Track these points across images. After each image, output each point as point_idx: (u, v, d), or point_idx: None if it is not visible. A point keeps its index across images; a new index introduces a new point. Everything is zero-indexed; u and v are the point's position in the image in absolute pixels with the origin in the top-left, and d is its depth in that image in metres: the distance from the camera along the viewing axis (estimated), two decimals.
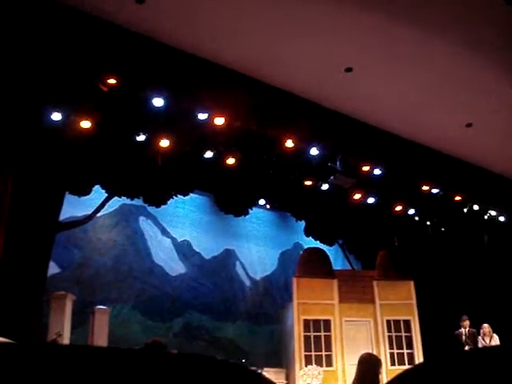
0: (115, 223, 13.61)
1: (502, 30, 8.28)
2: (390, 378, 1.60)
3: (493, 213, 14.09)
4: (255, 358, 14.46)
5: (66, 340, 10.31)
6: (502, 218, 14.17)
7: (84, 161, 10.27)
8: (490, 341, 11.95)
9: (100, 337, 11.09)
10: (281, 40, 8.47)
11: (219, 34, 8.32)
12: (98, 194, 11.91)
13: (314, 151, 10.89)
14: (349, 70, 9.14)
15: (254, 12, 7.85)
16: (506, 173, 13.09)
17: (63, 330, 10.28)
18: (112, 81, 8.49)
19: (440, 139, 11.65)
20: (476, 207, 13.68)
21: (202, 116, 9.55)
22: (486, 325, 12.19)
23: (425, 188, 12.69)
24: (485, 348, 10.64)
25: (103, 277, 12.97)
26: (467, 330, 12.20)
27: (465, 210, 13.67)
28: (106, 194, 12.16)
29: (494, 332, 12.08)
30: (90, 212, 12.49)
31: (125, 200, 12.61)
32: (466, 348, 11.80)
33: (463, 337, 12.14)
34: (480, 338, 12.12)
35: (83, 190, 11.28)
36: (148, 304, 13.52)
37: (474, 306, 13.47)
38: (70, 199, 11.16)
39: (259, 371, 10.55)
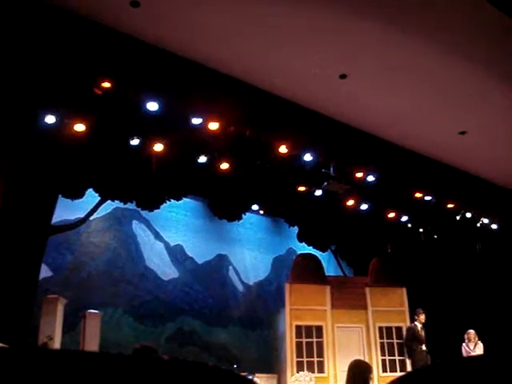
0: (108, 227, 13.57)
1: (497, 39, 8.34)
2: None
3: (485, 220, 14.14)
4: (247, 364, 14.44)
5: (56, 344, 10.25)
6: (494, 226, 14.23)
7: (77, 164, 10.24)
8: (475, 347, 11.95)
9: (91, 341, 11.03)
10: (276, 46, 8.49)
11: (214, 38, 8.34)
12: (91, 197, 11.88)
13: (307, 157, 10.91)
14: (343, 76, 9.17)
15: (250, 18, 7.87)
16: (499, 181, 13.15)
17: (54, 334, 10.21)
18: (106, 84, 8.49)
19: (433, 146, 11.70)
20: (469, 215, 13.73)
21: (196, 121, 9.56)
22: (471, 331, 12.20)
23: (418, 195, 12.73)
24: (475, 357, 10.69)
25: (95, 281, 12.92)
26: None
27: (457, 218, 13.71)
28: (99, 198, 12.13)
29: (480, 339, 12.10)
30: (82, 215, 12.45)
31: (118, 204, 12.59)
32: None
33: (419, 331, 12.06)
34: (464, 344, 12.14)
35: (76, 194, 11.25)
36: (140, 308, 13.47)
37: (465, 313, 13.51)
38: (62, 202, 11.12)
39: (251, 377, 10.55)
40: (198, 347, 14.18)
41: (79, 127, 9.10)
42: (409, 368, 12.49)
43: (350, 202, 12.81)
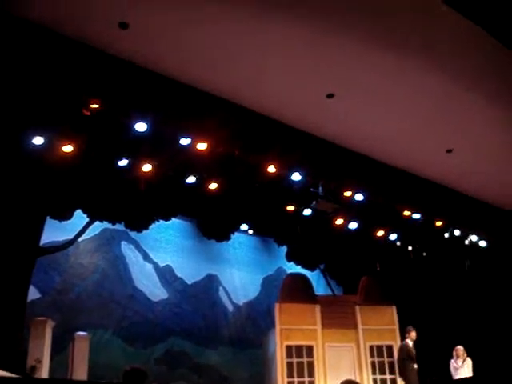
0: (97, 248, 13.51)
1: (484, 58, 8.45)
2: None
3: (474, 238, 14.20)
4: None
5: (45, 367, 10.16)
6: (482, 243, 14.28)
7: (66, 185, 10.22)
8: (463, 363, 11.96)
9: (80, 364, 10.93)
10: (263, 67, 8.55)
11: (203, 59, 8.38)
12: (80, 218, 11.84)
13: (296, 176, 10.94)
14: (330, 96, 9.24)
15: (238, 38, 7.93)
16: (487, 198, 13.22)
17: (43, 357, 10.13)
18: (95, 105, 8.50)
19: (421, 165, 11.76)
20: (457, 232, 13.79)
21: (185, 141, 9.58)
22: (459, 347, 12.23)
23: (406, 213, 12.78)
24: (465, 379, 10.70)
25: (84, 302, 12.83)
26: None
27: (446, 235, 13.77)
28: (88, 219, 12.10)
29: (469, 355, 12.12)
30: (71, 237, 12.40)
31: (106, 225, 12.54)
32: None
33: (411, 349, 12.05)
34: (452, 360, 12.14)
35: (64, 215, 11.21)
36: (129, 330, 13.38)
37: (454, 330, 13.52)
38: (51, 223, 11.08)
39: None
40: (187, 368, 14.09)
41: (67, 148, 9.09)
42: None
43: (339, 221, 12.83)
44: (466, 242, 14.25)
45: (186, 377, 13.79)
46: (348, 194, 11.74)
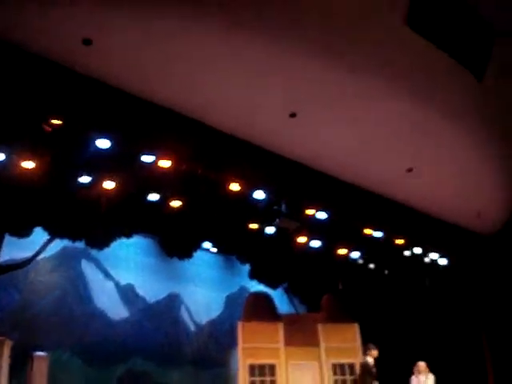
0: (57, 266, 13.24)
1: (440, 76, 8.65)
2: None
3: (434, 256, 14.40)
4: None
5: None
6: (442, 261, 14.50)
7: (25, 201, 10.07)
8: (426, 379, 12.09)
9: None
10: (228, 85, 8.60)
11: (166, 77, 8.39)
12: (40, 235, 11.66)
13: (259, 194, 10.97)
14: (293, 115, 9.32)
15: (201, 57, 7.97)
16: (446, 217, 13.43)
17: (1, 377, 9.88)
18: (57, 121, 8.42)
19: (382, 184, 11.91)
20: (417, 250, 13.96)
21: (148, 158, 9.55)
22: (421, 363, 12.34)
23: (368, 232, 12.90)
24: None
25: (43, 321, 12.54)
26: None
27: (407, 254, 13.93)
28: (48, 236, 11.92)
29: (430, 372, 12.25)
30: (30, 254, 12.19)
31: (67, 242, 12.37)
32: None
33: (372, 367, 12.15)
34: (413, 376, 12.25)
35: (24, 232, 11.03)
36: (89, 349, 13.12)
37: (416, 347, 13.66)
38: (10, 241, 10.89)
39: None
40: None
41: (28, 164, 8.97)
42: None
43: (302, 239, 12.89)
44: (427, 260, 14.44)
45: None
46: (310, 212, 11.81)
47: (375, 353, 12.19)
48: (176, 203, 10.94)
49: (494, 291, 14.19)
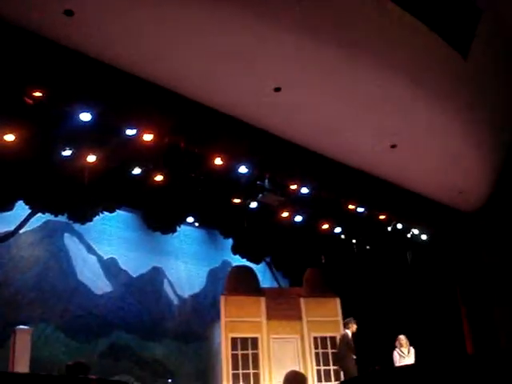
0: (39, 240, 13.17)
1: (424, 53, 8.64)
2: None
3: (415, 231, 14.55)
4: (183, 378, 14.32)
5: None
6: (424, 237, 14.66)
7: (7, 175, 9.97)
8: (409, 352, 12.31)
9: (22, 358, 10.69)
10: (211, 58, 8.50)
11: (149, 50, 8.29)
12: (22, 209, 11.57)
13: (242, 169, 10.96)
14: (278, 89, 9.27)
15: (186, 30, 7.87)
16: (428, 193, 13.53)
17: None
18: (38, 94, 8.30)
19: (365, 160, 11.94)
20: (399, 226, 14.10)
21: (130, 132, 9.46)
22: (402, 336, 12.55)
23: (350, 207, 12.97)
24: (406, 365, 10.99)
25: (25, 295, 12.50)
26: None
27: (389, 229, 14.05)
28: (30, 210, 11.84)
29: (411, 345, 12.46)
30: (12, 228, 12.11)
31: (49, 216, 12.29)
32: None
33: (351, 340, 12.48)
34: (397, 349, 12.45)
35: (5, 206, 10.93)
36: (72, 324, 13.12)
37: (397, 321, 13.85)
38: None
39: None
40: (132, 362, 13.93)
41: (9, 137, 8.83)
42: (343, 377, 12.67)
43: (285, 214, 12.93)
44: (409, 235, 14.59)
45: (130, 370, 13.63)
46: (294, 187, 11.84)
47: (355, 328, 12.43)
48: (159, 177, 10.89)
49: (474, 267, 14.40)
